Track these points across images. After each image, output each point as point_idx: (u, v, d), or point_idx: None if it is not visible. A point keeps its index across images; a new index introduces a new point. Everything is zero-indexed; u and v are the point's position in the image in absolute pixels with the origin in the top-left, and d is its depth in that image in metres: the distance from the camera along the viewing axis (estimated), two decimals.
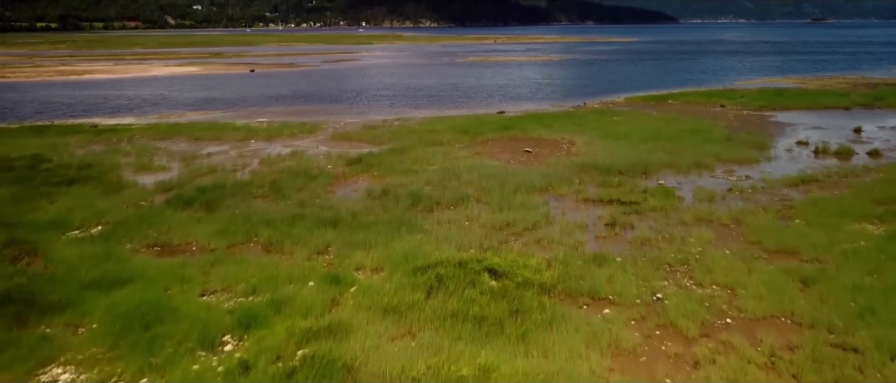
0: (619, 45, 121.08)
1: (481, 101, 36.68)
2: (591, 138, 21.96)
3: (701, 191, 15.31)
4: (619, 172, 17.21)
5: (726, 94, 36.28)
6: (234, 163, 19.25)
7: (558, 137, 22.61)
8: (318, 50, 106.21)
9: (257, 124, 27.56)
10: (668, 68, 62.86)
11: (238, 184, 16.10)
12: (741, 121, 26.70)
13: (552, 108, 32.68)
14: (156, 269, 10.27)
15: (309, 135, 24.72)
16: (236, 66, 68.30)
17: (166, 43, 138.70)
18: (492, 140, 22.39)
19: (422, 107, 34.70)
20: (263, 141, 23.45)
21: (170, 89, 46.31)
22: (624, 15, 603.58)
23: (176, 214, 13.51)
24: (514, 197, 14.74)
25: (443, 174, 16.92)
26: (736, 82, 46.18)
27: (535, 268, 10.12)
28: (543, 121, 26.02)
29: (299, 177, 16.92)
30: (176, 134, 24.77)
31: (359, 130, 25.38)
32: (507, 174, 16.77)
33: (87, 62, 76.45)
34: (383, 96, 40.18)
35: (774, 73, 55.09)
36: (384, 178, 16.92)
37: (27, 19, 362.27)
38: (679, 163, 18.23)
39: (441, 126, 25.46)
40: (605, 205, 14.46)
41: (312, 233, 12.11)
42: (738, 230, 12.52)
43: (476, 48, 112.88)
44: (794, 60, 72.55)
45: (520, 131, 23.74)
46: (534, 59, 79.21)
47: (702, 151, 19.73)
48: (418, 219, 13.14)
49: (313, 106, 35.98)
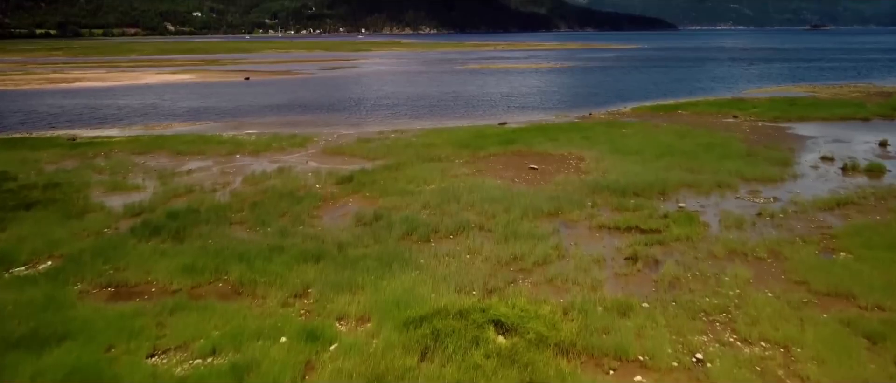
0: (620, 52, 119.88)
1: (482, 111, 35.20)
2: (601, 153, 20.44)
3: (727, 216, 13.78)
4: (634, 193, 15.68)
5: (737, 104, 34.82)
6: (215, 182, 17.71)
7: (565, 152, 21.09)
8: (316, 57, 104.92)
9: (245, 136, 26.04)
10: (672, 76, 61.47)
11: (215, 208, 14.55)
12: (758, 134, 25.20)
13: (556, 119, 31.19)
14: (103, 320, 8.71)
15: (299, 148, 23.20)
16: (231, 74, 66.90)
17: (163, 50, 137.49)
18: (494, 155, 20.86)
19: (420, 117, 33.21)
20: (249, 155, 21.92)
21: (161, 98, 44.85)
22: (623, 22, 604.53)
23: (139, 245, 11.97)
24: (521, 223, 13.20)
25: (441, 195, 15.38)
26: (744, 91, 44.74)
27: (550, 320, 8.57)
28: (548, 134, 24.52)
29: (284, 198, 15.38)
30: (157, 147, 23.25)
31: (352, 144, 23.86)
32: (511, 196, 15.23)
33: (79, 70, 75.06)
34: (380, 106, 38.71)
35: (782, 81, 53.69)
36: (377, 200, 15.39)
37: (27, 26, 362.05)
38: (699, 183, 16.70)
39: (440, 139, 23.95)
40: (622, 233, 12.92)
41: (291, 270, 10.57)
42: (778, 266, 10.97)
43: (476, 55, 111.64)
44: (800, 68, 71.20)
45: (524, 145, 22.22)
46: (535, 67, 77.87)
47: (722, 169, 18.21)
48: (413, 251, 11.59)
49: (307, 116, 34.49)
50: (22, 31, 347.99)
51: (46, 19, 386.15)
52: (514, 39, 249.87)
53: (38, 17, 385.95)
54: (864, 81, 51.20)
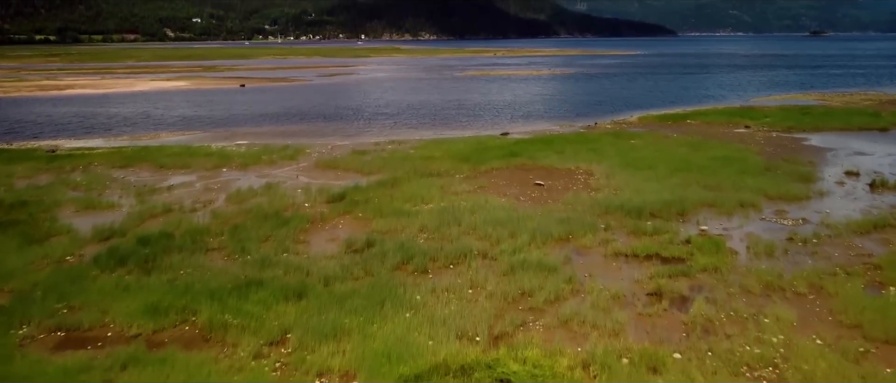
0: (622, 59, 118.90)
1: (483, 121, 33.95)
2: (611, 168, 19.15)
3: (756, 242, 12.48)
4: (651, 214, 14.38)
5: (747, 113, 33.58)
6: (196, 200, 16.41)
7: (572, 166, 19.80)
8: (314, 63, 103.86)
9: (234, 148, 24.77)
10: (677, 84, 60.30)
11: (191, 231, 13.24)
12: (773, 146, 23.93)
13: (560, 129, 29.93)
14: (42, 377, 7.39)
15: (290, 161, 21.92)
16: (227, 81, 65.72)
17: (160, 56, 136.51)
18: (496, 170, 19.57)
19: (418, 127, 31.95)
20: (237, 170, 20.63)
21: (154, 106, 43.61)
22: (623, 28, 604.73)
23: (101, 278, 10.67)
24: (529, 251, 11.90)
25: (440, 217, 14.08)
26: (752, 99, 43.53)
27: (568, 378, 7.25)
28: (553, 146, 23.24)
29: (268, 220, 14.07)
30: (140, 160, 21.96)
31: (347, 156, 22.58)
32: (517, 217, 13.92)
33: (73, 76, 73.89)
34: (377, 115, 37.45)
35: (790, 88, 52.52)
36: (370, 222, 14.08)
37: (26, 32, 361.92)
38: (720, 202, 15.40)
39: (439, 151, 22.67)
40: (641, 261, 11.62)
41: (269, 310, 9.27)
42: (823, 305, 9.67)
43: (476, 61, 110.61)
44: (806, 75, 70.09)
45: (528, 158, 20.94)
46: (536, 74, 76.75)
47: (742, 185, 16.92)
48: (408, 285, 10.29)
49: (301, 125, 33.24)
50: (21, 36, 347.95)
51: (46, 25, 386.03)
52: (514, 46, 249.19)
53: (37, 23, 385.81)
54: (873, 89, 50.01)
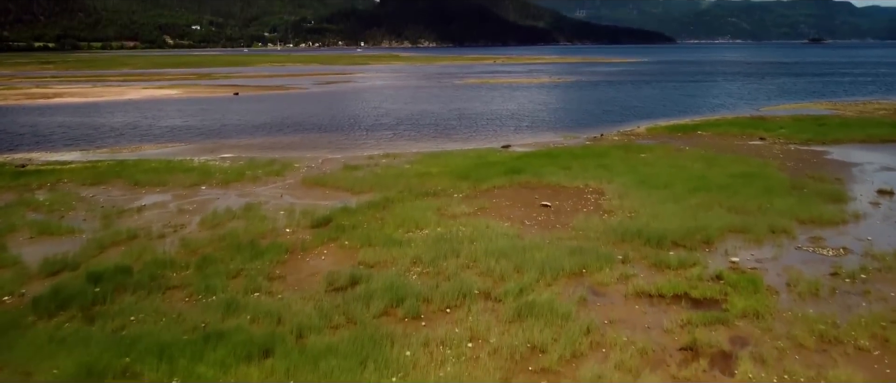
0: (623, 66, 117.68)
1: (483, 132, 32.41)
2: (624, 187, 17.56)
3: (797, 278, 10.89)
4: (673, 243, 12.79)
5: (760, 124, 32.08)
6: (166, 224, 14.81)
7: (581, 185, 18.21)
8: (312, 71, 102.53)
9: (218, 162, 23.21)
10: (682, 92, 58.86)
11: (153, 264, 11.63)
12: (794, 160, 22.38)
13: (565, 141, 28.39)
14: None
15: (276, 178, 20.33)
16: (221, 89, 64.26)
17: (157, 63, 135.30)
18: (499, 189, 17.98)
19: (415, 139, 30.40)
20: (217, 187, 19.05)
21: (143, 115, 42.10)
22: (622, 35, 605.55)
23: (37, 327, 9.06)
24: (538, 289, 10.31)
25: (436, 246, 12.47)
26: (762, 108, 42.07)
27: None
28: (559, 161, 21.66)
29: (242, 250, 12.46)
30: (114, 177, 20.36)
31: (337, 172, 21.01)
32: (523, 247, 12.32)
33: (64, 84, 72.46)
34: (373, 125, 35.92)
35: (798, 97, 51.09)
36: (356, 252, 12.48)
37: (25, 39, 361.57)
38: (748, 227, 13.80)
39: (436, 167, 21.10)
40: (668, 303, 10.02)
41: (227, 374, 7.65)
42: (894, 363, 8.06)
43: (475, 69, 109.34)
44: (812, 82, 68.71)
45: (532, 175, 19.35)
46: (537, 81, 75.39)
47: (769, 207, 15.34)
48: (397, 337, 8.67)
49: (293, 136, 31.69)
50: (20, 44, 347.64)
51: (45, 32, 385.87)
52: (514, 53, 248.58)
53: (36, 30, 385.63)
54: (886, 98, 48.57)
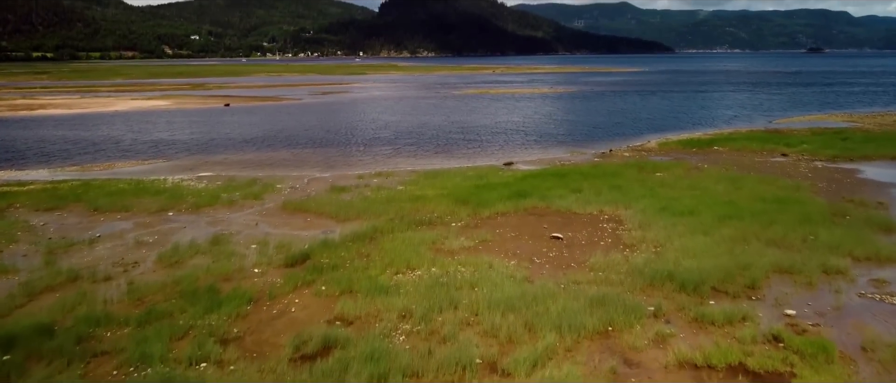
0: (625, 76, 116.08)
1: (483, 147, 30.41)
2: (644, 213, 15.52)
3: (872, 339, 8.86)
4: (713, 289, 10.74)
5: (778, 138, 30.13)
6: (118, 262, 12.75)
7: (595, 211, 16.17)
8: (308, 81, 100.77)
9: (194, 183, 21.17)
10: (690, 103, 57.01)
11: (84, 321, 9.54)
12: (826, 181, 20.36)
13: (572, 157, 26.40)
14: None
15: (254, 201, 18.28)
16: (212, 100, 62.36)
17: (152, 73, 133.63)
18: (502, 216, 15.93)
19: (410, 155, 28.39)
20: (187, 213, 16.99)
21: (128, 128, 40.14)
22: (620, 45, 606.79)
23: None
24: (556, 359, 8.25)
25: (430, 294, 10.41)
26: (775, 120, 40.17)
27: None
28: (568, 181, 19.63)
29: (198, 299, 10.38)
30: (74, 200, 18.30)
31: (323, 195, 18.98)
32: (534, 296, 10.26)
33: (52, 95, 70.58)
34: (366, 140, 33.93)
35: (812, 108, 49.21)
36: (334, 302, 10.40)
37: (24, 49, 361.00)
38: (795, 267, 11.75)
39: (432, 188, 19.08)
40: (722, 380, 7.93)
41: None
42: None
43: (475, 79, 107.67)
44: (822, 92, 66.89)
45: (539, 199, 17.30)
46: (539, 92, 73.59)
47: (815, 241, 13.30)
48: None
49: (280, 151, 29.69)
50: (18, 53, 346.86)
51: (44, 42, 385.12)
52: (513, 62, 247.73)
53: (35, 41, 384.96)
54: None
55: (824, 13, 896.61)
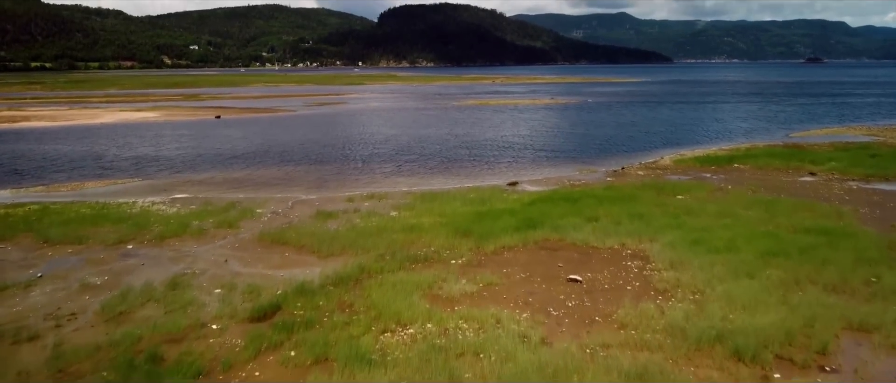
0: (627, 87, 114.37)
1: (485, 164, 28.36)
2: (674, 248, 13.41)
3: None
4: (776, 356, 8.64)
5: (802, 154, 28.10)
6: (52, 313, 10.63)
7: (616, 245, 14.06)
8: (305, 91, 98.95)
9: (165, 207, 19.08)
10: (698, 115, 55.04)
11: None
12: (868, 205, 18.27)
13: (582, 176, 24.35)
14: None
15: (228, 230, 16.18)
16: (204, 111, 60.38)
17: (147, 83, 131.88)
18: (509, 251, 13.83)
19: (406, 172, 26.33)
20: (149, 245, 14.89)
21: (111, 142, 38.07)
22: (619, 55, 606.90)
23: None
24: None
25: (423, 367, 8.30)
26: (792, 134, 38.21)
27: None
28: (582, 207, 17.54)
29: (134, 371, 8.28)
30: (24, 229, 16.20)
31: (306, 222, 16.90)
32: (554, 370, 8.14)
33: (40, 106, 68.57)
34: (359, 155, 31.87)
35: (828, 121, 47.25)
36: (303, 376, 8.29)
37: (22, 59, 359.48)
38: (869, 322, 9.67)
39: (429, 215, 17.00)
40: None
41: None
42: None
43: (475, 89, 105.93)
44: (836, 104, 64.85)
45: (551, 229, 15.20)
46: (541, 103, 71.70)
47: (878, 283, 11.22)
48: None
49: (266, 168, 27.63)
50: (17, 64, 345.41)
51: (42, 52, 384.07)
52: (512, 73, 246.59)
53: (34, 51, 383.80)
54: None
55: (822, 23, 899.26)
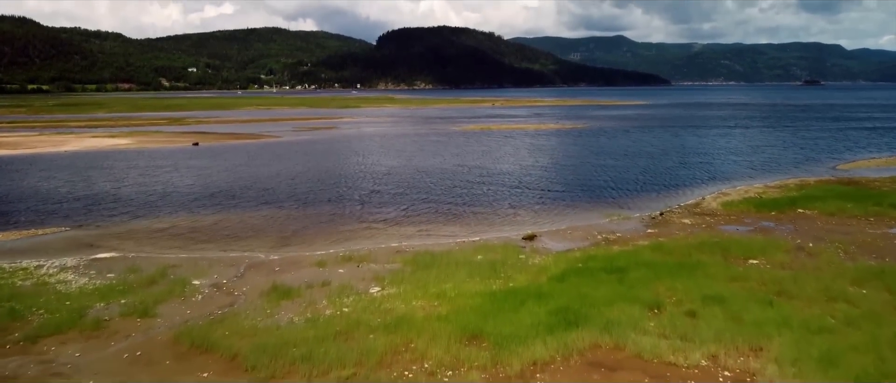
0: (632, 110, 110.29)
1: (492, 207, 23.62)
2: (798, 369, 8.60)
3: None
4: None
5: (868, 194, 23.47)
6: None
7: (705, 360, 9.24)
8: (297, 115, 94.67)
9: (71, 276, 14.28)
10: (725, 141, 50.39)
11: None
12: None
13: (614, 224, 19.62)
14: None
15: (138, 321, 11.38)
16: (182, 137, 55.80)
17: (137, 106, 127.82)
18: (543, 370, 8.98)
19: (395, 221, 21.50)
20: (11, 351, 10.07)
21: (67, 175, 33.38)
22: (618, 77, 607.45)
23: None
24: None
25: None
26: (838, 166, 33.65)
27: None
28: (633, 284, 12.73)
29: None
30: None
31: (252, 306, 12.10)
32: None
33: (8, 132, 63.99)
34: (341, 196, 27.09)
35: (872, 150, 42.48)
36: None
37: (20, 81, 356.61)
38: None
39: (423, 297, 12.21)
40: None
41: None
42: None
43: (475, 112, 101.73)
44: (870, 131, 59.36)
45: (600, 329, 10.35)
46: (545, 128, 67.28)
47: None
48: None
49: (226, 214, 22.87)
50: (14, 86, 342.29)
51: (40, 75, 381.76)
52: (511, 95, 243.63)
53: (32, 73, 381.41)
54: None
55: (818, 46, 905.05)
